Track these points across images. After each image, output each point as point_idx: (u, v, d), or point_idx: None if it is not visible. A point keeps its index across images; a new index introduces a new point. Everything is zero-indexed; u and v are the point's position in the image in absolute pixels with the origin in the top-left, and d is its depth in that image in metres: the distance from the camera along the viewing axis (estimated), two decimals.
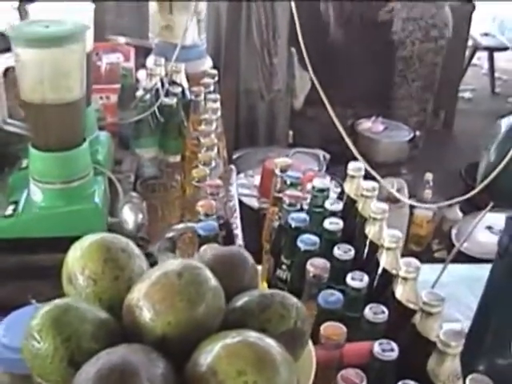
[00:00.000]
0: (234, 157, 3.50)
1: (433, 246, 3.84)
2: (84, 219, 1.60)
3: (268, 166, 2.63)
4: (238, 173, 2.88)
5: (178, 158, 2.05)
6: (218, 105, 1.98)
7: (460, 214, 3.87)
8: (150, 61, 2.44)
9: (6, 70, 1.59)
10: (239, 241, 1.87)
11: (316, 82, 1.91)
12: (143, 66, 2.59)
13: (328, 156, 3.74)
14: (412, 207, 3.75)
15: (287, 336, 0.93)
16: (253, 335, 0.85)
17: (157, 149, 2.06)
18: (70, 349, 0.86)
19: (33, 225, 1.61)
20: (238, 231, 1.98)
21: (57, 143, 1.57)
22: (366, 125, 4.50)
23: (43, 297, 1.38)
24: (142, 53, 2.82)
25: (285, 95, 4.34)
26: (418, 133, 4.57)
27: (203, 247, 1.27)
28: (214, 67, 2.57)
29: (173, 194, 1.90)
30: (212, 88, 2.11)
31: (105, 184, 1.72)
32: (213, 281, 0.90)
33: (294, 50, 4.36)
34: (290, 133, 4.65)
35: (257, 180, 2.95)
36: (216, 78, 2.17)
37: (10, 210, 1.63)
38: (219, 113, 1.97)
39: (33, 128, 1.57)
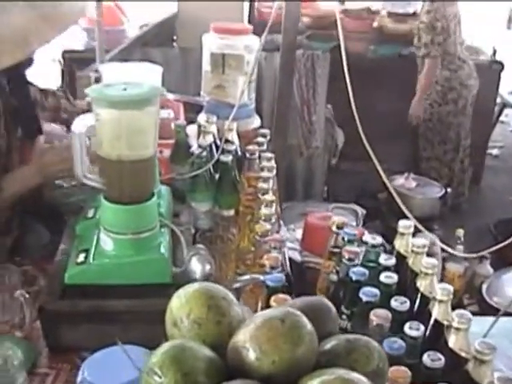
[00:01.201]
0: None
1: (464, 300, 3.90)
2: (151, 268, 1.71)
3: (310, 221, 2.72)
4: None
5: (231, 212, 2.14)
6: (273, 163, 2.08)
7: (491, 270, 3.93)
8: (202, 118, 2.56)
9: None
10: None
11: (364, 137, 2.03)
12: (191, 122, 2.71)
13: (364, 211, 3.83)
14: (444, 262, 3.82)
15: (372, 375, 1.04)
16: (346, 373, 0.96)
17: (211, 203, 2.16)
18: (189, 383, 0.97)
19: (103, 272, 1.71)
20: None
21: (129, 197, 1.69)
22: (399, 181, 4.59)
23: (113, 339, 1.49)
24: (189, 109, 2.94)
25: (322, 152, 4.47)
26: (449, 190, 4.67)
27: (274, 297, 1.38)
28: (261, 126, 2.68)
29: (229, 246, 2.00)
30: (265, 147, 2.22)
31: (169, 235, 1.82)
32: (309, 326, 1.02)
33: (330, 106, 4.50)
34: (325, 188, 4.76)
35: (298, 234, 3.04)
36: (268, 137, 2.28)
37: (81, 258, 1.74)
38: (275, 171, 2.07)
39: (108, 182, 1.69)
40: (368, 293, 1.48)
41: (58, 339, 1.71)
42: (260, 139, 2.21)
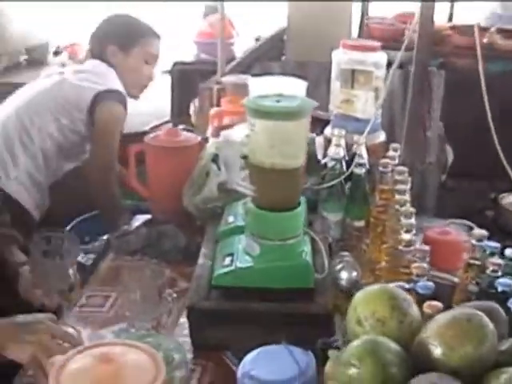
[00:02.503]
0: None
1: None
2: (296, 274, 1.78)
3: (430, 236, 2.75)
4: None
5: (362, 223, 2.20)
6: (406, 176, 2.13)
7: None
8: (329, 131, 2.62)
9: None
10: None
11: (502, 156, 2.06)
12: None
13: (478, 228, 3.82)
14: None
15: None
16: None
17: (342, 213, 2.22)
18: (384, 375, 1.05)
19: (249, 275, 1.79)
20: None
21: (279, 204, 1.76)
22: (509, 199, 4.55)
23: (256, 340, 1.57)
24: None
25: (434, 168, 4.47)
26: None
27: (426, 304, 1.43)
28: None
29: (363, 255, 2.06)
30: (397, 161, 2.27)
31: (311, 243, 1.90)
32: (491, 325, 1.09)
33: (441, 123, 4.50)
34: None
35: None
36: (399, 152, 2.32)
37: (227, 261, 1.83)
38: (409, 184, 2.12)
39: (259, 189, 1.77)
40: None
41: (203, 338, 1.79)
42: (391, 153, 2.26)
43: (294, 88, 2.03)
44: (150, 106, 5.96)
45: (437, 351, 1.08)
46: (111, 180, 2.68)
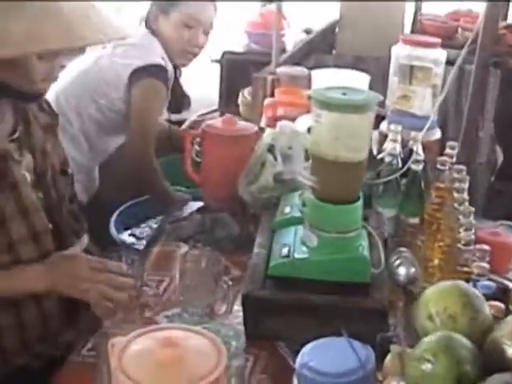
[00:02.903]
0: None
1: None
2: (353, 267, 1.78)
3: (482, 237, 2.73)
4: None
5: (416, 220, 2.19)
6: (464, 175, 2.11)
7: None
8: (385, 126, 2.61)
9: None
10: None
11: None
12: None
13: None
14: None
15: None
16: None
17: (396, 209, 2.21)
18: (458, 371, 1.05)
19: (306, 266, 1.79)
20: None
21: (340, 197, 1.76)
22: None
23: (310, 332, 1.57)
24: None
25: (485, 168, 4.43)
26: None
27: (488, 304, 1.42)
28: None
29: (418, 252, 2.05)
30: (454, 159, 2.25)
31: (368, 238, 1.89)
32: None
33: (492, 124, 4.47)
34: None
35: None
36: (456, 150, 2.31)
37: (285, 252, 1.83)
38: (467, 183, 2.10)
39: (321, 181, 1.77)
40: None
41: (257, 327, 1.79)
42: (449, 151, 2.24)
43: (357, 81, 2.02)
44: (198, 94, 5.98)
45: (510, 351, 1.08)
46: (150, 155, 2.68)
